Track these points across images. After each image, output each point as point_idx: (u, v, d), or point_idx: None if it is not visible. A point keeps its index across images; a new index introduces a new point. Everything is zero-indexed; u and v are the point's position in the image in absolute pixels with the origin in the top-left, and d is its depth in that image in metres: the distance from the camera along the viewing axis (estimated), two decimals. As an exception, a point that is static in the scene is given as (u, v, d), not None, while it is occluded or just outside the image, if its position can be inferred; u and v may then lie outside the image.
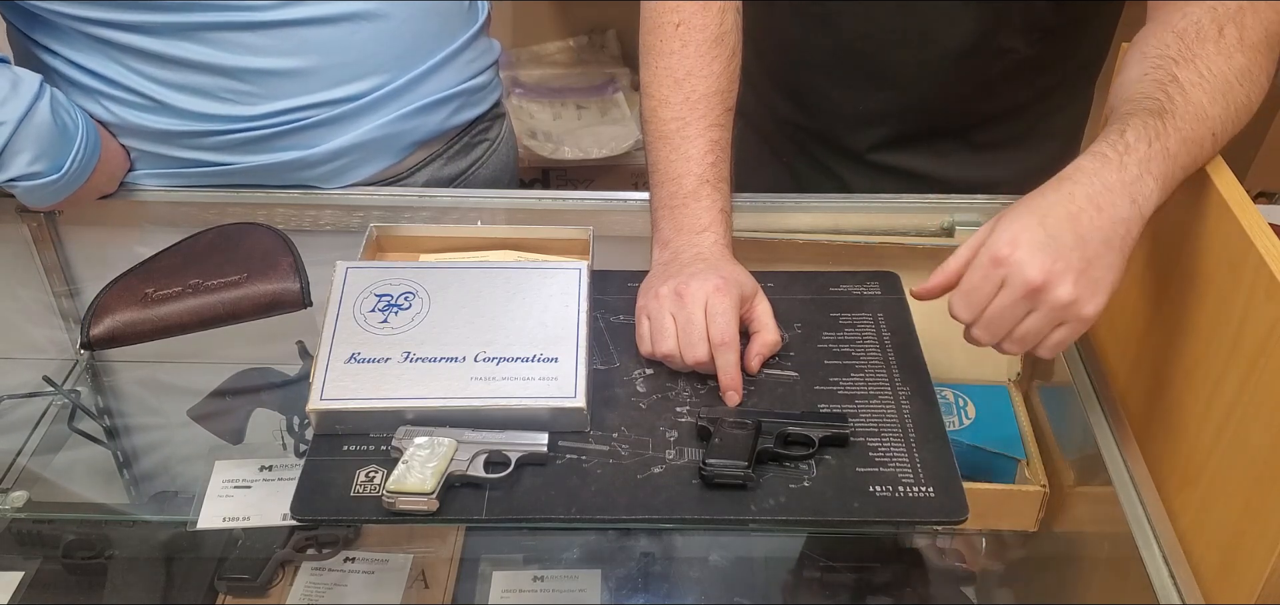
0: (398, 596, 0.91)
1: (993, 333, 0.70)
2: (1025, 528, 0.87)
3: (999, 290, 0.68)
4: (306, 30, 0.96)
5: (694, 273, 0.81)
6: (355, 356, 0.77)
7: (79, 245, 1.06)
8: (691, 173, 0.87)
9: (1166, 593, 0.71)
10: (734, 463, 0.72)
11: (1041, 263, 0.66)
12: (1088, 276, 0.67)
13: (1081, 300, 0.67)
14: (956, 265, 0.72)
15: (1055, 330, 0.69)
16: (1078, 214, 0.67)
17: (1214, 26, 0.74)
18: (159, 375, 0.96)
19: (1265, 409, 0.66)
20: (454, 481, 0.71)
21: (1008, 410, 0.94)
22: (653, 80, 0.90)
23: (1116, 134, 0.70)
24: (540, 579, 0.91)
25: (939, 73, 0.97)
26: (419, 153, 1.07)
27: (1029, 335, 0.69)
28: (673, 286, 0.81)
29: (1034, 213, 0.68)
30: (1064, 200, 0.68)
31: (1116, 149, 0.69)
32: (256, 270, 0.87)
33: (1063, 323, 0.69)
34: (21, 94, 0.86)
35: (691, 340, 0.79)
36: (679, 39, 0.89)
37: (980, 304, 0.69)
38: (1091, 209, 0.67)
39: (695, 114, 0.88)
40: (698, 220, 0.86)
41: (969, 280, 0.70)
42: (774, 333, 0.82)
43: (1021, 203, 0.70)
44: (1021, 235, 0.67)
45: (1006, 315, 0.69)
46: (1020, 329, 0.69)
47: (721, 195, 0.88)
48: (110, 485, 0.96)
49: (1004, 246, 0.67)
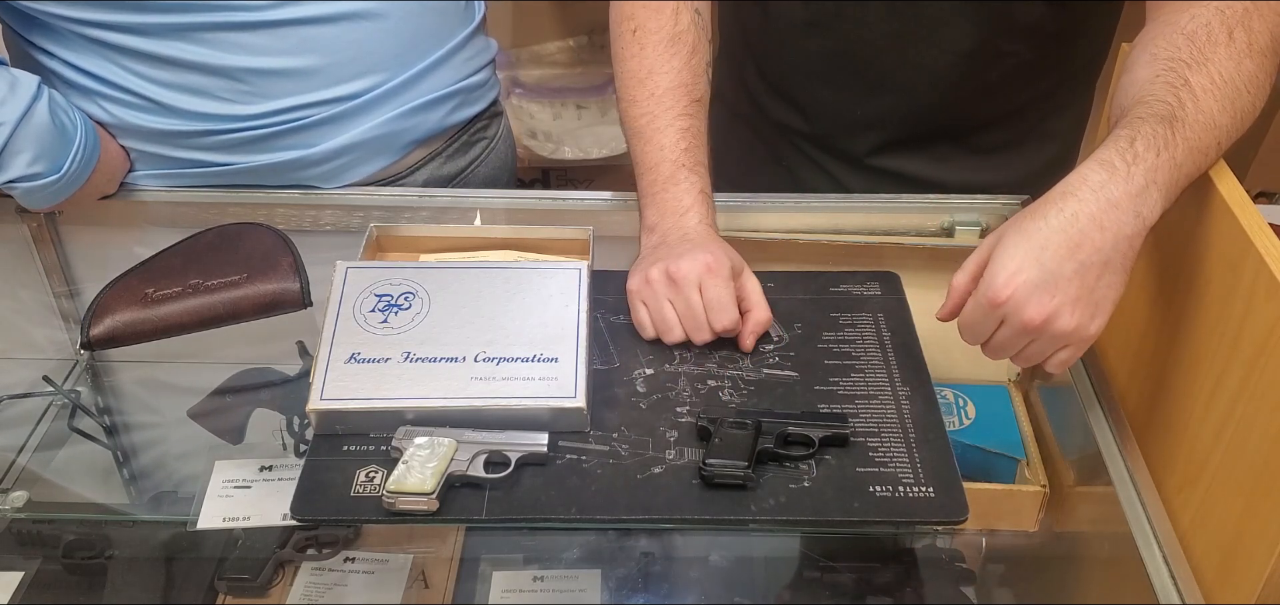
0: (398, 596, 0.90)
1: (998, 355, 0.73)
2: (1025, 528, 0.87)
3: (999, 327, 0.70)
4: (303, 29, 0.96)
5: (682, 252, 0.83)
6: (355, 356, 0.77)
7: (79, 245, 1.07)
8: (666, 160, 0.89)
9: (1166, 593, 0.71)
10: (734, 463, 0.72)
11: (1039, 303, 0.67)
12: (1087, 302, 0.68)
13: (1082, 325, 0.69)
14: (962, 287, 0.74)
15: (1059, 352, 0.71)
16: (1079, 241, 0.67)
17: (1223, 30, 0.74)
18: (159, 375, 0.96)
19: (1265, 409, 0.66)
20: (454, 481, 0.71)
21: (1008, 410, 0.94)
22: (620, 83, 0.95)
23: (1125, 141, 0.69)
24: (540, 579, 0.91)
25: (937, 76, 0.97)
26: (418, 151, 1.07)
27: (1034, 355, 0.72)
28: (663, 268, 0.82)
29: (1032, 243, 0.68)
30: (1067, 224, 0.68)
31: (1125, 157, 0.69)
32: (256, 270, 0.87)
33: (1066, 346, 0.70)
34: (20, 95, 0.86)
35: (696, 326, 0.82)
36: (636, 42, 0.93)
37: (982, 338, 0.72)
38: (1094, 230, 0.67)
39: (661, 107, 0.91)
40: (679, 202, 0.88)
41: (969, 316, 0.72)
42: (765, 310, 0.84)
43: (1022, 224, 0.70)
44: (1018, 274, 0.68)
45: (1009, 346, 0.71)
46: (1024, 354, 0.72)
47: (699, 178, 0.90)
48: (110, 485, 0.96)
49: (1002, 289, 0.68)
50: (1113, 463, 0.80)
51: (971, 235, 1.00)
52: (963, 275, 0.74)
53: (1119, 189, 0.68)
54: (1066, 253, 0.67)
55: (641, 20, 0.93)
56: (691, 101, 0.92)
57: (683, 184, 0.88)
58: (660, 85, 0.91)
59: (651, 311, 0.83)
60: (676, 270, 0.81)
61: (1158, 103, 0.72)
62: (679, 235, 0.86)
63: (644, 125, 0.91)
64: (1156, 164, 0.69)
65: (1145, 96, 0.73)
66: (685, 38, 0.93)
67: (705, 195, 0.89)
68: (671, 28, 0.92)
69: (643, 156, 0.91)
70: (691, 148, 0.90)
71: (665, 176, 0.89)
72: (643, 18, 0.93)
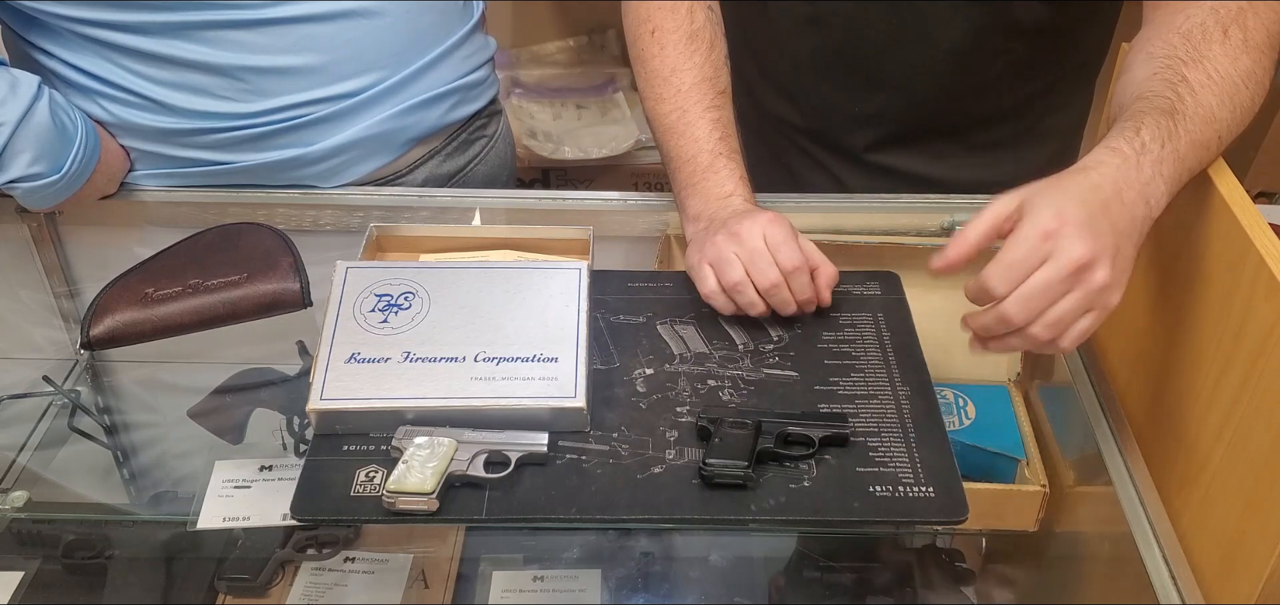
0: (398, 596, 0.91)
1: (1028, 309, 0.66)
2: (1025, 528, 0.87)
3: (1042, 264, 0.66)
4: (302, 27, 0.96)
5: (741, 217, 0.83)
6: (355, 356, 0.77)
7: (79, 245, 1.07)
8: (703, 150, 0.90)
9: (1166, 593, 0.71)
10: (734, 463, 0.72)
11: (1088, 241, 0.65)
12: (1118, 263, 0.67)
13: (1112, 286, 0.67)
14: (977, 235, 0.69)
15: (1082, 317, 0.67)
16: (1108, 203, 0.67)
17: (1219, 28, 0.74)
18: (159, 375, 0.96)
19: (1265, 409, 0.66)
20: (454, 481, 0.71)
21: (1008, 410, 0.94)
22: (645, 83, 0.95)
23: (1132, 132, 0.70)
24: (540, 579, 0.91)
25: (935, 73, 0.97)
26: (417, 149, 1.07)
27: (1061, 319, 0.67)
28: (726, 231, 0.82)
29: (1071, 194, 0.67)
30: (1094, 188, 0.67)
31: (1133, 145, 0.69)
32: (256, 270, 0.87)
33: (1091, 309, 0.67)
34: (20, 95, 0.86)
35: (760, 268, 0.81)
36: (656, 43, 0.94)
37: (1020, 276, 0.66)
38: (1117, 200, 0.67)
39: (690, 101, 0.92)
40: (722, 188, 0.88)
41: (1012, 252, 0.67)
42: (830, 264, 0.84)
43: (1052, 184, 0.69)
44: (1068, 211, 0.66)
45: (1046, 292, 0.66)
46: (1053, 310, 0.67)
47: (737, 164, 0.90)
48: (110, 485, 0.96)
49: (1052, 220, 0.66)
50: (1113, 463, 0.80)
51: (971, 235, 1.00)
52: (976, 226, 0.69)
53: (1131, 173, 0.68)
54: (1101, 209, 0.67)
55: (659, 21, 0.94)
56: (718, 93, 0.93)
57: (722, 171, 0.89)
58: (686, 81, 0.92)
59: (718, 262, 0.82)
60: (739, 228, 0.81)
61: (1157, 98, 0.72)
62: (728, 213, 0.86)
63: (675, 121, 0.92)
64: (1161, 155, 0.69)
65: (1145, 92, 0.73)
66: (703, 34, 0.94)
67: (745, 181, 0.90)
68: (688, 26, 0.94)
69: (678, 150, 0.91)
70: (726, 136, 0.91)
71: (704, 166, 0.90)
72: (660, 18, 0.94)
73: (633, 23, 0.96)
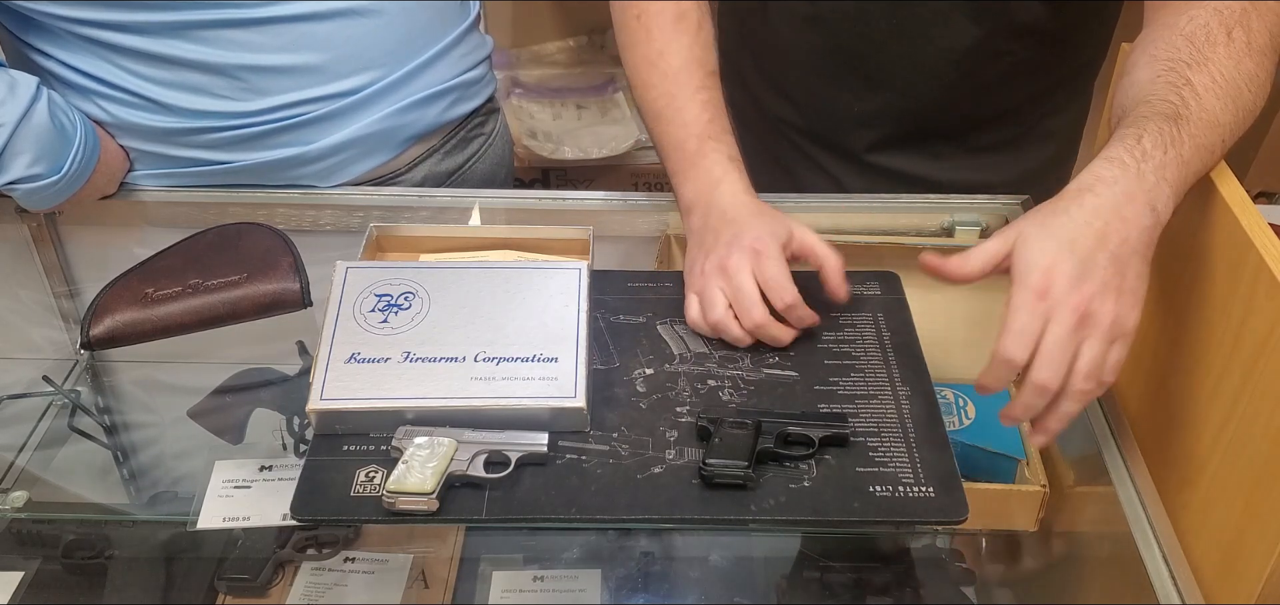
0: (398, 596, 0.91)
1: (1055, 368, 0.66)
2: (1025, 528, 0.87)
3: (1047, 325, 0.66)
4: (300, 26, 0.96)
5: (730, 240, 0.82)
6: (355, 356, 0.77)
7: (79, 245, 1.07)
8: (691, 134, 0.89)
9: (1166, 593, 0.71)
10: (734, 463, 0.72)
11: (1083, 289, 0.65)
12: (1125, 289, 0.66)
13: (1124, 313, 0.66)
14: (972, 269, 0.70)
15: (1110, 350, 0.67)
16: (1105, 232, 0.66)
17: (1222, 30, 0.74)
18: (159, 375, 0.96)
19: (1265, 409, 0.66)
20: (454, 481, 0.71)
21: (1008, 410, 0.94)
22: (632, 70, 0.95)
23: (1133, 139, 0.69)
24: (540, 579, 0.91)
25: (935, 74, 0.97)
26: (415, 147, 1.07)
27: (1092, 366, 0.66)
28: (716, 261, 0.82)
29: (1062, 239, 0.66)
30: (1090, 218, 0.67)
31: (1134, 154, 0.68)
32: (256, 270, 0.87)
33: (1115, 340, 0.67)
34: (19, 96, 0.86)
35: (745, 307, 0.80)
36: (642, 28, 0.93)
37: (1033, 339, 0.66)
38: (1117, 221, 0.67)
39: (677, 85, 0.91)
40: (711, 174, 0.88)
41: (1016, 321, 0.66)
42: (835, 254, 0.83)
43: (1043, 220, 0.68)
44: (1057, 264, 0.66)
45: (1061, 348, 0.66)
46: (1081, 361, 0.66)
47: (727, 145, 0.89)
48: (110, 485, 0.96)
49: (1041, 279, 0.66)
50: (1113, 463, 0.80)
51: (971, 235, 1.00)
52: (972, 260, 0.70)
53: (1133, 184, 0.67)
54: (1096, 243, 0.66)
55: (644, 5, 0.93)
56: (706, 74, 0.92)
57: (711, 155, 0.88)
58: (673, 64, 0.91)
59: (703, 300, 0.82)
60: (728, 262, 0.81)
61: (1161, 102, 0.72)
62: (718, 215, 0.85)
63: (663, 106, 0.91)
64: (1165, 161, 0.68)
65: (1148, 96, 0.73)
66: (690, 16, 0.93)
67: (735, 162, 0.88)
68: (675, 8, 0.93)
69: (667, 136, 0.91)
70: (715, 118, 0.90)
71: (692, 151, 0.89)
72: (645, 2, 0.93)
73: (619, 10, 0.96)
